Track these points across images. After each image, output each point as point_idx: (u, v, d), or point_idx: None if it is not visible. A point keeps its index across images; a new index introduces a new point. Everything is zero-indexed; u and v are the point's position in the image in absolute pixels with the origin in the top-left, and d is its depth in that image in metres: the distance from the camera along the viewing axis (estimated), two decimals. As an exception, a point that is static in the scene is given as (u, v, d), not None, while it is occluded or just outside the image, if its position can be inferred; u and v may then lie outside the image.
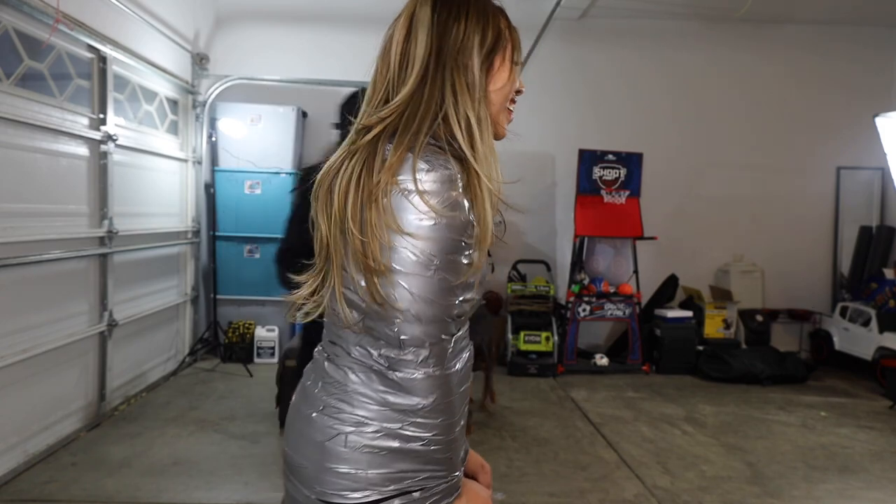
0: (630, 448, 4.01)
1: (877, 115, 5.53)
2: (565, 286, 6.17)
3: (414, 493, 1.05)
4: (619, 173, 6.14)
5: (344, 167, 1.08)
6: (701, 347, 5.96)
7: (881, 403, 5.14)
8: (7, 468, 3.34)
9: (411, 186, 1.00)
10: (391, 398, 1.04)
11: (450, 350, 1.08)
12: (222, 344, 5.80)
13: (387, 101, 1.09)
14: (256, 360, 5.78)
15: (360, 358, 1.07)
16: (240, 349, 5.74)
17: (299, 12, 6.32)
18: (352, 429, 1.05)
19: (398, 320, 1.02)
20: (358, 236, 1.01)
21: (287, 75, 6.12)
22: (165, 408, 4.53)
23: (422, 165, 1.01)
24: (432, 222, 1.00)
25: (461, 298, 1.05)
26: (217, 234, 5.86)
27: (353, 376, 1.07)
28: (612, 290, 6.02)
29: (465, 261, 1.03)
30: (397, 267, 1.00)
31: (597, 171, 6.12)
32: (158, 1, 5.07)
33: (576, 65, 6.55)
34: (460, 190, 1.02)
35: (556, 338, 5.84)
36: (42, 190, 3.67)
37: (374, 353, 1.05)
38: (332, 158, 1.12)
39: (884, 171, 6.33)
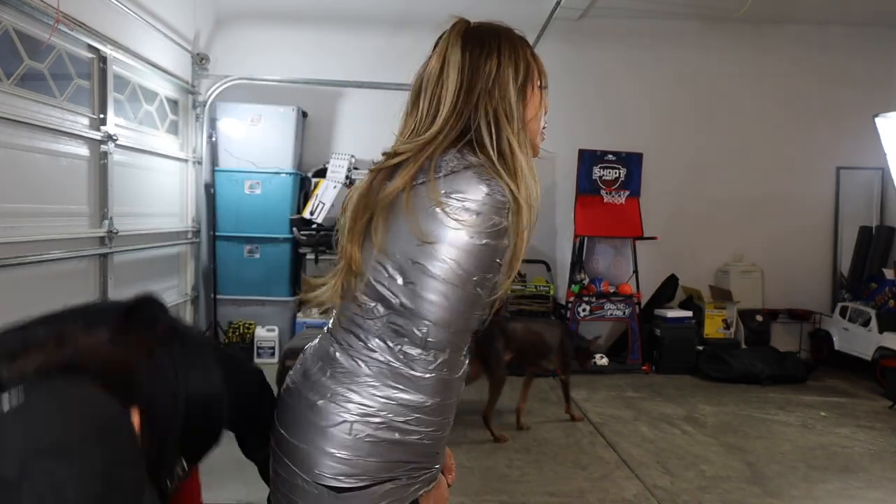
0: (630, 448, 4.01)
1: (877, 115, 5.53)
2: (565, 286, 6.17)
3: (401, 480, 1.11)
4: (619, 173, 6.14)
5: (375, 181, 1.16)
6: (701, 347, 5.96)
7: (881, 403, 5.14)
8: (7, 468, 3.34)
9: (472, 206, 1.06)
10: (400, 394, 1.09)
11: (461, 359, 1.14)
12: (222, 344, 5.80)
13: (414, 135, 1.16)
14: (256, 359, 5.78)
15: (376, 349, 1.11)
16: (240, 349, 5.74)
17: (299, 12, 6.32)
18: (357, 418, 1.09)
19: (428, 323, 1.07)
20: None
21: (287, 75, 6.12)
22: (165, 408, 4.52)
23: (483, 188, 1.07)
24: (482, 242, 1.06)
25: (479, 314, 1.13)
26: (217, 234, 5.86)
27: (365, 368, 1.11)
28: (611, 290, 6.02)
29: (494, 281, 1.11)
30: (440, 275, 1.06)
31: (596, 171, 6.13)
32: (158, 1, 5.07)
33: (576, 65, 6.54)
34: (507, 218, 1.08)
35: (556, 338, 5.84)
36: (42, 190, 3.67)
37: (395, 348, 1.10)
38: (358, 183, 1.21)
39: (884, 171, 6.32)
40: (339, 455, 1.09)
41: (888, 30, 6.66)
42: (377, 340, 1.11)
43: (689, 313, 6.12)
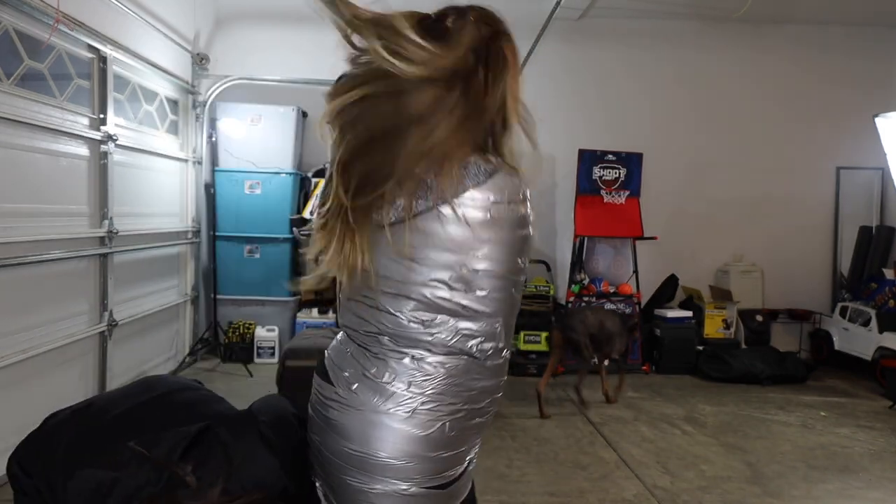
0: (630, 448, 4.01)
1: (877, 115, 5.53)
2: (565, 286, 6.17)
3: (475, 460, 1.27)
4: (619, 173, 6.15)
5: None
6: (701, 347, 5.96)
7: (881, 403, 5.14)
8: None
9: (512, 204, 1.17)
10: (478, 383, 1.19)
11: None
12: (222, 344, 5.80)
13: None
14: (256, 360, 5.78)
15: (449, 353, 1.17)
16: (240, 349, 5.74)
17: (300, 12, 6.29)
18: (450, 417, 1.17)
19: (500, 319, 1.19)
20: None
21: (287, 75, 6.12)
22: (165, 408, 4.52)
23: (515, 181, 1.19)
24: (522, 234, 1.20)
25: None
26: (217, 234, 5.86)
27: (444, 370, 1.17)
28: (612, 290, 6.03)
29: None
30: (502, 274, 1.17)
31: (597, 171, 6.13)
32: (158, 1, 5.07)
33: (575, 65, 6.54)
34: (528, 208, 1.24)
35: (556, 338, 5.84)
36: (42, 190, 3.67)
37: (470, 347, 1.17)
38: None
39: (884, 171, 6.33)
40: (443, 456, 1.17)
41: (888, 30, 6.66)
42: (448, 346, 1.17)
43: (689, 313, 6.12)
